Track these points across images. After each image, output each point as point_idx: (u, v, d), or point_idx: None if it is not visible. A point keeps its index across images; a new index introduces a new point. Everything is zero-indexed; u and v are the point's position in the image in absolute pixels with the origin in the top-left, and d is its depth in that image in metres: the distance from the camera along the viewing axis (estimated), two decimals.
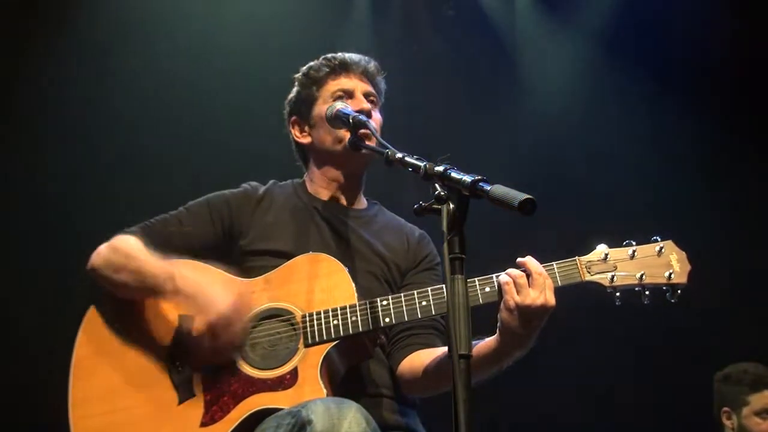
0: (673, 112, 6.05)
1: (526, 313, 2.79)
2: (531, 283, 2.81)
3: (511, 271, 2.86)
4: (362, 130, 3.12)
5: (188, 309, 2.95)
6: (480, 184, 2.29)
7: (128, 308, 3.10)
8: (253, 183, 3.46)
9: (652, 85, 6.08)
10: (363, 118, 3.11)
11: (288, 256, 3.13)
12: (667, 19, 6.04)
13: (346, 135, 3.24)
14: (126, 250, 3.11)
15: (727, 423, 5.11)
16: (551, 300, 2.81)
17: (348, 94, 3.39)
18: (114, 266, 3.08)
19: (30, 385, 4.85)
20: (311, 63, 3.52)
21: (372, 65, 3.49)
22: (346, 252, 3.25)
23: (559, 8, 6.24)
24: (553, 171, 5.85)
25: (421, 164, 2.52)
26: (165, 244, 3.18)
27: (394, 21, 5.91)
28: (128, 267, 3.05)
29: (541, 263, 2.90)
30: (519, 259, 2.89)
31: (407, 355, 3.19)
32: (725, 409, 5.11)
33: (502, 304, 2.84)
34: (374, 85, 3.49)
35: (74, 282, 3.20)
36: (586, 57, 6.15)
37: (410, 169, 2.59)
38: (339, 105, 3.24)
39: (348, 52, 3.51)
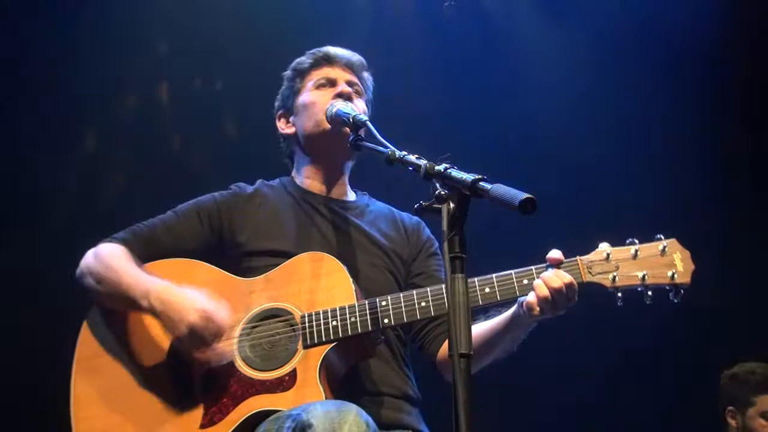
0: (677, 109, 6.02)
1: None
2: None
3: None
4: (363, 129, 3.11)
5: (163, 326, 2.95)
6: (480, 183, 2.28)
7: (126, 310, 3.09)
8: (241, 184, 3.48)
9: (654, 83, 6.05)
10: (363, 117, 3.11)
11: (288, 255, 3.12)
12: (670, 17, 6.01)
13: (323, 121, 3.28)
14: (108, 260, 3.11)
15: (732, 422, 5.06)
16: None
17: (330, 82, 3.43)
18: (96, 276, 3.10)
19: (31, 385, 4.84)
20: (298, 58, 3.56)
21: (356, 59, 3.53)
22: (347, 245, 3.26)
23: (559, 5, 6.21)
24: (555, 169, 5.83)
25: (422, 163, 2.51)
26: (154, 248, 3.20)
27: (393, 19, 5.90)
28: (109, 279, 3.06)
29: (541, 263, 2.91)
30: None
31: (442, 343, 3.22)
32: (730, 408, 5.06)
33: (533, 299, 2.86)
34: (360, 78, 3.51)
35: (75, 282, 3.17)
36: (587, 55, 6.12)
37: (411, 168, 2.58)
38: (339, 104, 3.24)
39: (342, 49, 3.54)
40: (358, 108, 3.35)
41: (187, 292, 2.93)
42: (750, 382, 4.99)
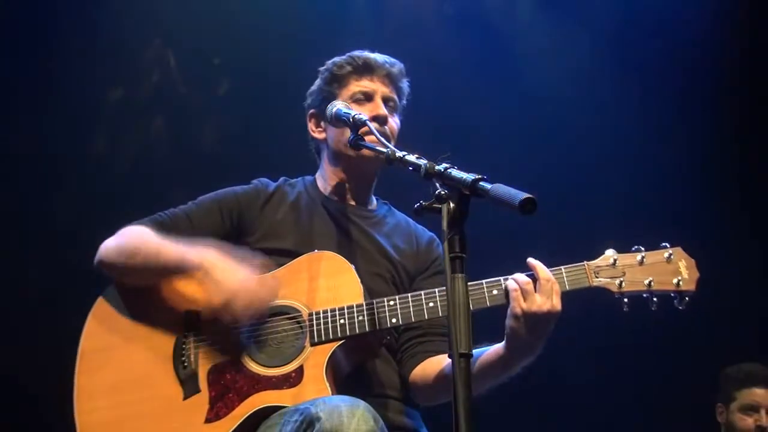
0: (682, 113, 6.00)
1: (532, 319, 2.81)
2: (538, 288, 2.84)
3: (518, 276, 2.88)
4: (362, 129, 3.11)
5: (208, 282, 2.94)
6: (480, 183, 2.30)
7: (135, 302, 3.12)
8: (264, 180, 3.48)
9: (658, 87, 6.05)
10: (363, 117, 3.10)
11: (293, 254, 3.15)
12: (672, 19, 6.00)
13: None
14: (139, 235, 3.14)
15: (720, 419, 5.15)
16: (557, 305, 2.83)
17: (367, 97, 3.40)
18: (127, 252, 3.10)
19: (34, 377, 4.89)
20: (335, 59, 3.51)
21: (396, 68, 3.48)
22: (352, 252, 3.26)
23: (560, 7, 6.21)
24: (560, 174, 5.83)
25: (422, 163, 2.52)
26: (173, 237, 3.18)
27: (393, 20, 5.91)
28: (144, 250, 3.07)
29: (550, 267, 2.91)
30: (529, 260, 2.90)
31: (419, 363, 3.20)
32: (719, 404, 5.16)
33: (509, 311, 2.86)
34: (396, 89, 3.48)
35: (81, 274, 3.22)
36: (590, 57, 6.11)
37: (411, 168, 2.60)
38: (339, 104, 3.22)
39: (349, 49, 3.53)
40: (393, 126, 3.38)
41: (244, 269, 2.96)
42: (733, 378, 5.07)
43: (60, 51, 5.39)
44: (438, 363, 3.13)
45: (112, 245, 3.16)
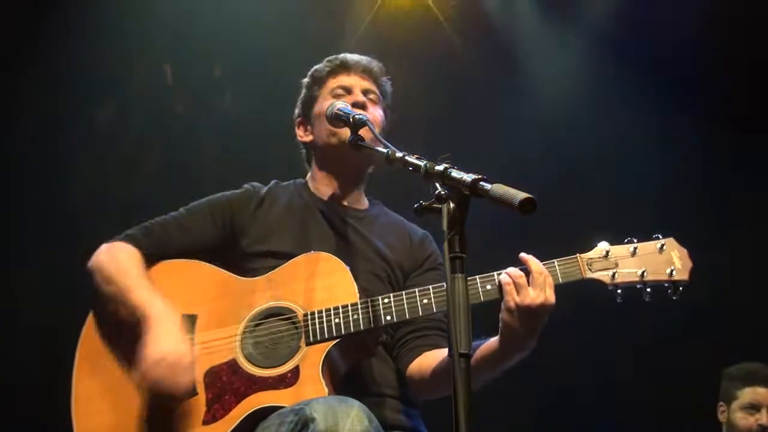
0: (677, 111, 6.03)
1: (526, 312, 2.80)
2: (531, 282, 2.82)
3: (511, 270, 2.86)
4: (363, 129, 3.09)
5: (145, 336, 2.93)
6: (480, 183, 2.29)
7: None
8: (255, 183, 3.48)
9: (656, 85, 6.07)
10: (363, 117, 3.10)
11: (289, 256, 3.14)
12: (672, 20, 6.02)
13: (340, 131, 3.24)
14: (121, 262, 3.13)
15: (721, 418, 5.16)
16: (551, 298, 2.82)
17: (346, 90, 3.42)
18: (105, 275, 3.10)
19: (33, 381, 4.87)
20: (316, 66, 3.55)
21: (374, 65, 3.52)
22: (348, 252, 3.24)
23: (561, 8, 6.22)
24: (555, 170, 5.85)
25: (422, 163, 2.53)
26: (166, 247, 3.22)
27: (395, 21, 5.90)
28: (117, 282, 3.07)
29: (542, 260, 2.91)
30: (521, 255, 2.89)
31: (415, 357, 3.19)
32: (721, 404, 5.16)
33: (502, 305, 2.85)
34: (377, 84, 3.51)
35: (79, 278, 3.19)
36: (589, 56, 6.14)
37: (410, 168, 2.60)
38: (339, 104, 3.23)
39: (349, 52, 3.56)
40: (375, 116, 3.37)
41: (177, 342, 2.92)
42: (735, 377, 5.08)
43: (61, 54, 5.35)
44: (435, 357, 3.13)
45: (99, 259, 3.16)
